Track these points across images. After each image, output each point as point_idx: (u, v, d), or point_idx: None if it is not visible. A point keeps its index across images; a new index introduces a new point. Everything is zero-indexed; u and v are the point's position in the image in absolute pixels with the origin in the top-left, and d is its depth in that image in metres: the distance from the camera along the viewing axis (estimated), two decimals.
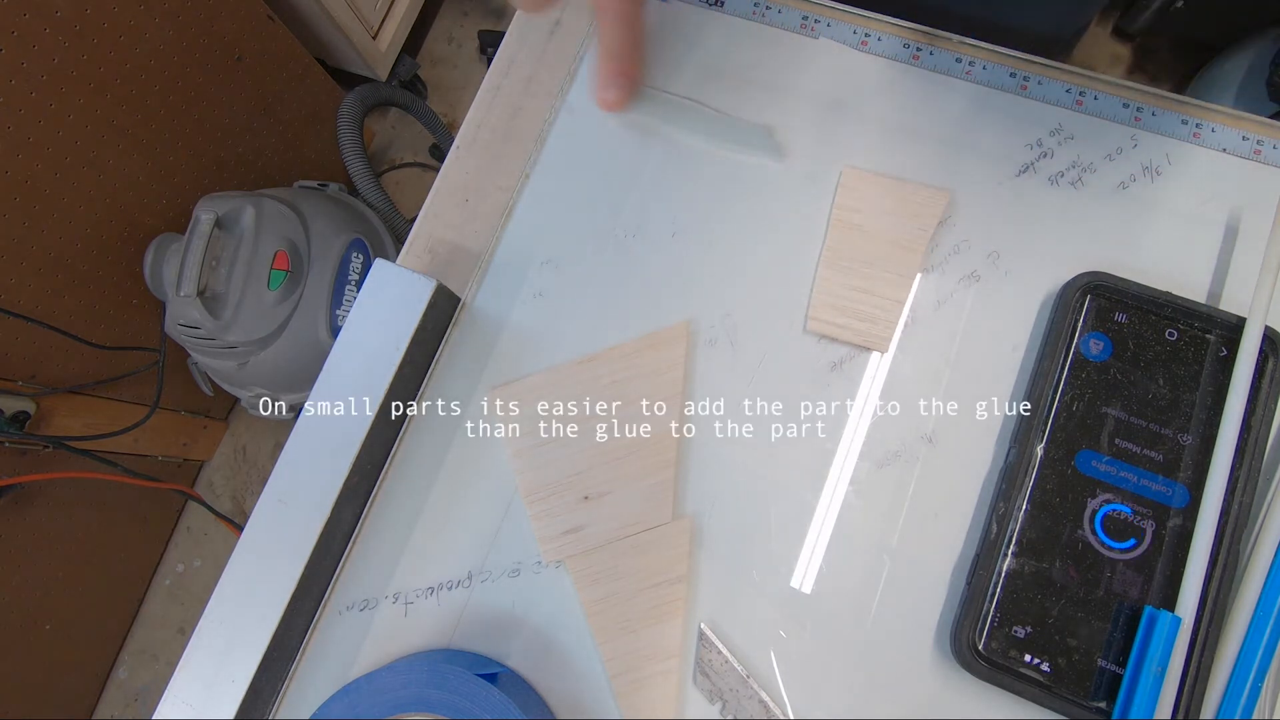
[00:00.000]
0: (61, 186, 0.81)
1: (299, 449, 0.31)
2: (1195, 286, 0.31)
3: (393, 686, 0.29)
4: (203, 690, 0.29)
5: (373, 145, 1.28)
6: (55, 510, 0.95)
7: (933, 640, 0.29)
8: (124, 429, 0.89)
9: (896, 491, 0.31)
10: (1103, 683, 0.27)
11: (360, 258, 0.97)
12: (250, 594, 0.30)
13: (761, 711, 0.29)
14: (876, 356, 0.32)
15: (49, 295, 0.84)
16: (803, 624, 0.30)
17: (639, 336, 0.33)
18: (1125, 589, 0.28)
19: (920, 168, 0.34)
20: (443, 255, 0.36)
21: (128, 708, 1.15)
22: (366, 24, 1.12)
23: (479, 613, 0.31)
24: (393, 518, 0.33)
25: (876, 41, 0.35)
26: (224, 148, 1.00)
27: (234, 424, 1.21)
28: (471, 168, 0.37)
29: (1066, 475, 0.29)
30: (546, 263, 0.35)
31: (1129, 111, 0.33)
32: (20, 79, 0.73)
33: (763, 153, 0.35)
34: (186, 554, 1.20)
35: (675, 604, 0.30)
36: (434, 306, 0.32)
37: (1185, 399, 0.29)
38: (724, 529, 0.31)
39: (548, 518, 0.32)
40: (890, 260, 0.33)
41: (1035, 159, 0.33)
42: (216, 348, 0.88)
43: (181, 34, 0.88)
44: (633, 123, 0.36)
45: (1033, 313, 0.32)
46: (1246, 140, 0.33)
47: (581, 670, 0.31)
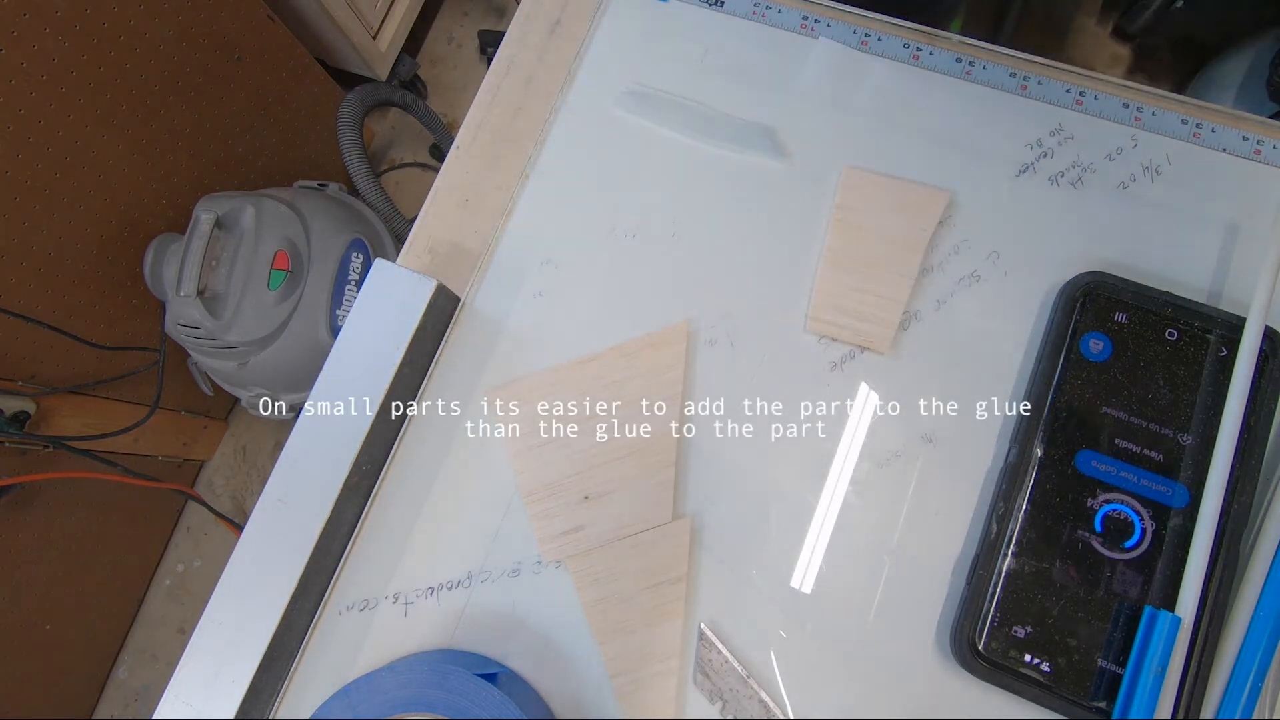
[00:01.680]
0: (61, 186, 0.81)
1: (299, 449, 0.31)
2: (1195, 286, 0.31)
3: (393, 686, 0.29)
4: (203, 690, 0.29)
5: (373, 145, 1.28)
6: (55, 510, 0.95)
7: (933, 640, 0.29)
8: (124, 429, 0.89)
9: (896, 491, 0.31)
10: (1103, 683, 0.27)
11: (360, 258, 0.97)
12: (250, 594, 0.30)
13: (761, 711, 0.29)
14: (876, 356, 0.32)
15: (49, 295, 0.84)
16: (803, 624, 0.30)
17: (639, 336, 0.33)
18: (1125, 589, 0.28)
19: (920, 168, 0.34)
20: (443, 255, 0.36)
21: (128, 708, 1.15)
22: (366, 24, 1.12)
23: (479, 613, 0.31)
24: (393, 518, 0.33)
25: (876, 41, 0.35)
26: (224, 148, 1.00)
27: (234, 424, 1.21)
28: (471, 168, 0.37)
29: (1066, 475, 0.29)
30: (546, 263, 0.35)
31: (1129, 111, 0.33)
32: (20, 79, 0.73)
33: (763, 153, 0.35)
34: (186, 554, 1.20)
35: (675, 604, 0.30)
36: (434, 306, 0.32)
37: (1185, 399, 0.29)
38: (724, 529, 0.31)
39: (548, 518, 0.32)
40: (890, 260, 0.33)
41: (1035, 159, 0.33)
42: (216, 348, 0.88)
43: (181, 34, 0.88)
44: (633, 123, 0.36)
45: (1033, 313, 0.32)
46: (1246, 140, 0.33)
47: (581, 670, 0.31)
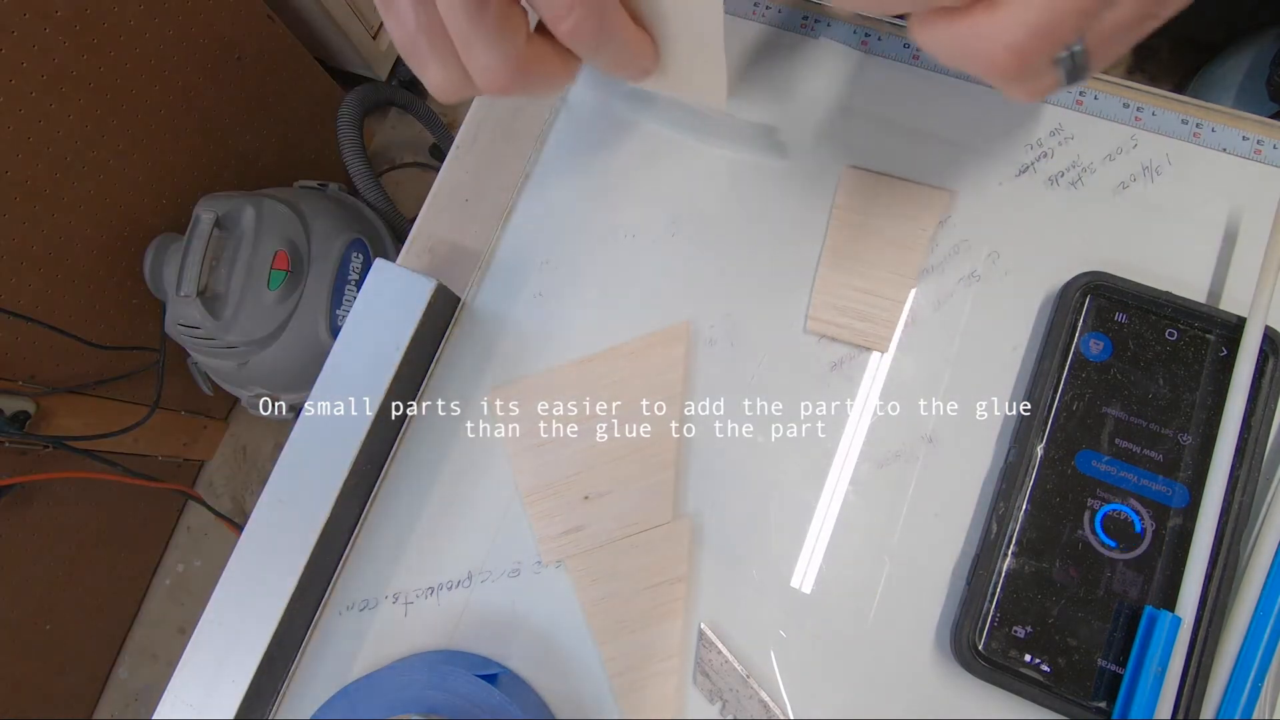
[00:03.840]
0: (61, 186, 0.81)
1: (299, 449, 0.31)
2: (1195, 286, 0.31)
3: (393, 687, 0.29)
4: (203, 690, 0.29)
5: (373, 145, 1.28)
6: (55, 510, 0.95)
7: (933, 640, 0.29)
8: (124, 429, 0.89)
9: (896, 491, 0.31)
10: (1103, 683, 0.27)
11: (360, 258, 0.97)
12: (250, 594, 0.30)
13: (761, 711, 0.29)
14: (876, 356, 0.32)
15: (49, 295, 0.84)
16: (803, 624, 0.30)
17: (639, 336, 0.33)
18: (1125, 589, 0.28)
19: (920, 168, 0.34)
20: (443, 255, 0.36)
21: (128, 708, 1.15)
22: (366, 24, 1.12)
23: (479, 613, 0.31)
24: (393, 518, 0.33)
25: (876, 41, 0.35)
26: (224, 148, 1.00)
27: (234, 424, 1.21)
28: (471, 168, 0.37)
29: (1066, 475, 0.29)
30: (546, 263, 0.35)
31: (1129, 111, 0.33)
32: (20, 79, 0.73)
33: (763, 153, 0.35)
34: (186, 554, 1.20)
35: (675, 604, 0.30)
36: (434, 306, 0.32)
37: (1185, 399, 0.29)
38: (724, 529, 0.31)
39: (548, 518, 0.32)
40: (890, 260, 0.33)
41: (1035, 159, 0.33)
42: (216, 348, 0.88)
43: (181, 34, 0.88)
44: (633, 123, 0.36)
45: (1033, 313, 0.32)
46: (1246, 140, 0.33)
47: (581, 670, 0.31)
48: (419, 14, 0.23)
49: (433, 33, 0.24)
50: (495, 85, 0.25)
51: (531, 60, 0.24)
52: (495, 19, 0.23)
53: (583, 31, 0.23)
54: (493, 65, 0.24)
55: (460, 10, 0.22)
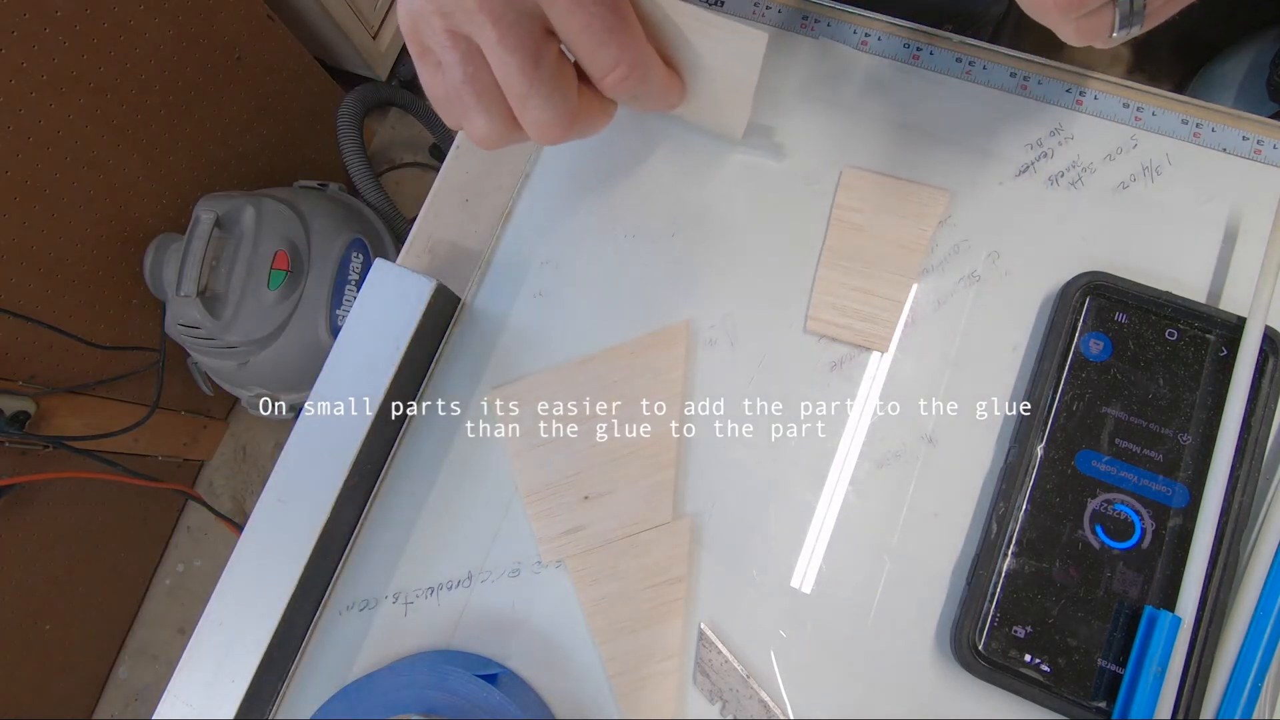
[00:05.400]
0: (61, 186, 0.81)
1: (299, 449, 0.31)
2: (1195, 286, 0.31)
3: (393, 687, 0.29)
4: (203, 690, 0.29)
5: (373, 145, 1.28)
6: (55, 510, 0.95)
7: (933, 640, 0.29)
8: (124, 429, 0.89)
9: (896, 491, 0.31)
10: (1103, 683, 0.27)
11: (360, 258, 0.97)
12: (250, 594, 0.30)
13: (761, 711, 0.29)
14: (876, 356, 0.32)
15: (49, 295, 0.84)
16: (803, 624, 0.30)
17: (639, 336, 0.33)
18: (1125, 589, 0.28)
19: (920, 168, 0.34)
20: (443, 255, 0.36)
21: (128, 708, 1.15)
22: (366, 24, 1.12)
23: (479, 613, 0.31)
24: (393, 518, 0.33)
25: (876, 41, 0.35)
26: (224, 148, 1.00)
27: (234, 424, 1.21)
28: (471, 168, 0.37)
29: (1066, 475, 0.29)
30: (546, 263, 0.35)
31: (1129, 111, 0.33)
32: (20, 79, 0.73)
33: (763, 153, 0.35)
34: (186, 554, 1.20)
35: (675, 604, 0.30)
36: (434, 306, 0.32)
37: (1185, 399, 0.29)
38: (724, 529, 0.31)
39: (548, 518, 0.32)
40: (890, 260, 0.33)
41: (1035, 159, 0.33)
42: (216, 348, 0.88)
43: (181, 34, 0.88)
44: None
45: (1033, 313, 0.32)
46: (1246, 140, 0.33)
47: (581, 670, 0.31)
48: (467, 68, 0.23)
49: (480, 86, 0.24)
50: (549, 138, 0.25)
51: (581, 111, 0.25)
52: (551, 75, 0.23)
53: (628, 84, 0.24)
54: (547, 120, 0.24)
55: (515, 67, 0.23)
